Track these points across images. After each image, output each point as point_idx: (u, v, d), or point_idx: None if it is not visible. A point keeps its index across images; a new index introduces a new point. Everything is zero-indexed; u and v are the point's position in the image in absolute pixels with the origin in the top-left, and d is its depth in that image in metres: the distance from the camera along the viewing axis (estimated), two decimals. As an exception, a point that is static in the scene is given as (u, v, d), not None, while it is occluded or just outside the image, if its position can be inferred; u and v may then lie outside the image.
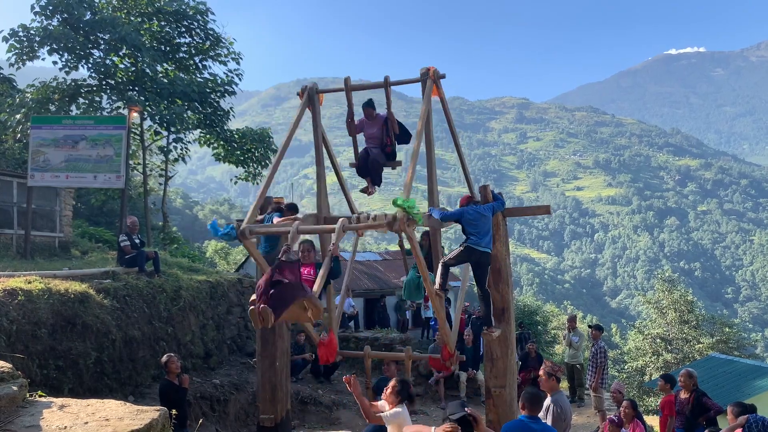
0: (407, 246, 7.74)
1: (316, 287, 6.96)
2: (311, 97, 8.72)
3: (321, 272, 7.16)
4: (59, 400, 3.03)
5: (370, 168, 8.83)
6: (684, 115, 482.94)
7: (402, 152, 9.41)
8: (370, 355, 8.88)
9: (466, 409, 4.50)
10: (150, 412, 2.77)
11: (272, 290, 6.33)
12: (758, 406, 8.64)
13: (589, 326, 13.34)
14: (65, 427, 2.58)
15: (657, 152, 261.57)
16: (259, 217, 8.46)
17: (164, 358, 8.15)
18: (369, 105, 8.75)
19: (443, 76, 8.52)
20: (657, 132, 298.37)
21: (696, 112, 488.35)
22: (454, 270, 13.33)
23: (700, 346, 28.34)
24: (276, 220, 8.32)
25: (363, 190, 9.19)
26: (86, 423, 2.60)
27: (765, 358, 56.16)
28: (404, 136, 8.97)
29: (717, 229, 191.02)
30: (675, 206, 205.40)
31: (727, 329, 30.85)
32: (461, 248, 7.89)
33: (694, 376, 8.59)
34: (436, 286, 7.86)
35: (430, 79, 8.28)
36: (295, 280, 6.48)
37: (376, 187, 9.06)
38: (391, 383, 6.04)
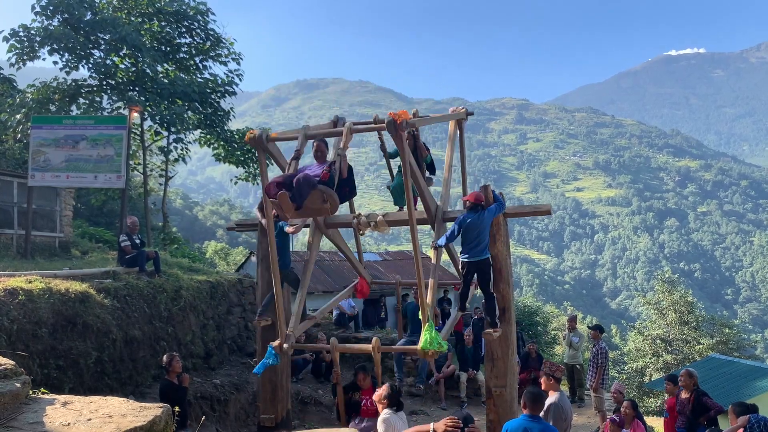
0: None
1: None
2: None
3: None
4: (62, 397, 3.04)
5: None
6: (684, 116, 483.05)
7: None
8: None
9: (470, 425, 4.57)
10: (153, 409, 2.78)
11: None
12: (759, 406, 8.65)
13: (589, 327, 13.35)
14: (68, 423, 2.59)
15: (657, 153, 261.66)
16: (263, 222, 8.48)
17: (167, 358, 8.15)
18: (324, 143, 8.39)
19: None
20: (657, 133, 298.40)
21: (696, 113, 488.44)
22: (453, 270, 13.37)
23: (700, 347, 28.32)
24: (288, 229, 8.33)
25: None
26: (89, 420, 2.61)
27: (765, 359, 56.15)
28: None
29: (717, 230, 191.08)
30: (675, 207, 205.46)
31: (727, 330, 30.85)
32: (461, 267, 8.28)
33: (695, 375, 8.60)
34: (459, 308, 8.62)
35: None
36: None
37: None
38: (381, 389, 6.05)
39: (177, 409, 4.42)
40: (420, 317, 7.56)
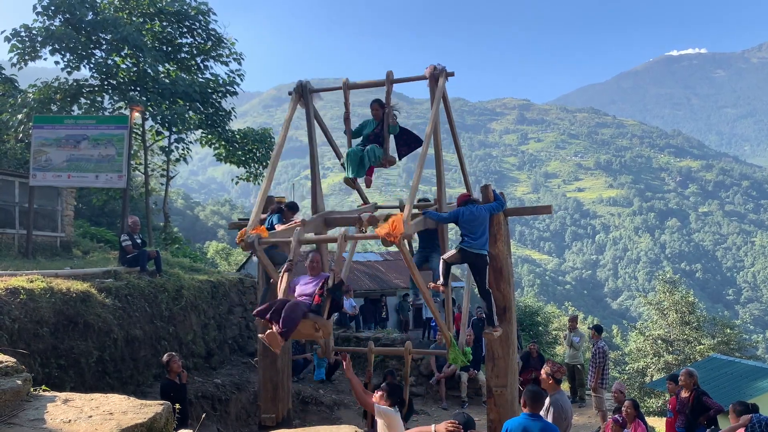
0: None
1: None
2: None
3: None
4: (63, 395, 3.04)
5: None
6: (685, 116, 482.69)
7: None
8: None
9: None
10: (154, 407, 2.78)
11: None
12: (759, 406, 8.64)
13: (589, 328, 13.38)
14: (69, 420, 2.59)
15: (658, 153, 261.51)
16: (262, 216, 8.42)
17: (165, 357, 8.18)
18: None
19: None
20: (658, 133, 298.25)
21: (697, 113, 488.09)
22: (455, 270, 13.36)
23: (702, 347, 28.31)
24: (279, 226, 8.21)
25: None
26: (90, 417, 2.61)
27: (766, 360, 56.11)
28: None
29: (718, 230, 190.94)
30: (676, 207, 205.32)
31: (729, 330, 30.83)
32: (456, 250, 7.95)
33: (695, 375, 8.60)
34: (440, 281, 7.95)
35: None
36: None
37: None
38: (381, 388, 6.06)
39: (177, 406, 4.43)
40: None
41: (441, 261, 8.10)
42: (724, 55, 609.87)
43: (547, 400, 6.01)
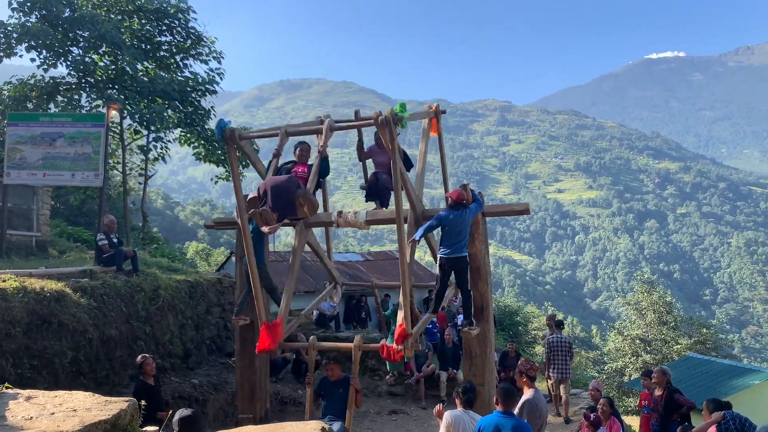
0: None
1: (309, 184, 7.62)
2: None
3: (313, 170, 7.83)
4: (26, 392, 2.99)
5: (380, 191, 9.08)
6: (664, 118, 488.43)
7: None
8: (316, 347, 8.58)
9: None
10: (118, 403, 2.74)
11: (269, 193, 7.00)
12: (734, 404, 8.76)
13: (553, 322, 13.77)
14: (30, 417, 2.55)
15: (637, 155, 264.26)
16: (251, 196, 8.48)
17: (139, 359, 8.11)
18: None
19: (444, 112, 8.69)
20: (637, 135, 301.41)
21: (675, 115, 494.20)
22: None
23: (679, 346, 28.67)
24: (264, 228, 8.22)
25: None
26: (53, 414, 2.57)
27: (742, 359, 56.97)
28: (406, 164, 9.02)
29: (696, 231, 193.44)
30: (655, 209, 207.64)
31: (705, 330, 31.27)
32: (438, 260, 8.28)
33: (668, 373, 8.70)
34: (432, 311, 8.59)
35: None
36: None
37: (384, 209, 9.10)
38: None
39: (143, 403, 4.40)
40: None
41: (435, 293, 8.56)
42: (701, 59, 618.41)
43: (523, 398, 6.05)
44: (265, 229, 7.37)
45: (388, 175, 8.75)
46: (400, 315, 7.56)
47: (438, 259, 8.16)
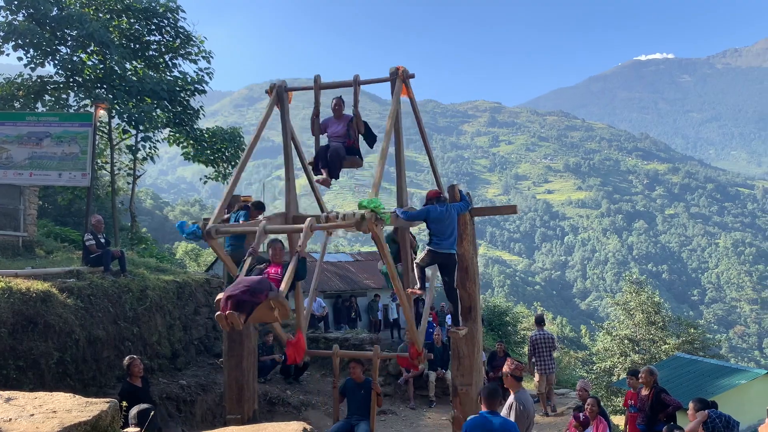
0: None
1: (283, 286, 6.71)
2: (280, 95, 8.68)
3: (288, 272, 6.88)
4: (6, 393, 2.96)
5: (329, 159, 8.53)
6: (652, 120, 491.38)
7: (373, 153, 9.35)
8: (339, 354, 8.89)
9: None
10: (99, 404, 2.72)
11: (237, 293, 6.28)
12: (721, 403, 8.83)
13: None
14: (10, 419, 2.52)
15: (626, 156, 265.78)
16: (225, 216, 8.38)
17: (126, 360, 8.03)
18: (339, 99, 8.73)
19: (412, 76, 8.53)
20: (626, 136, 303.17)
21: (664, 117, 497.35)
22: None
23: (667, 346, 28.85)
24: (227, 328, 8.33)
25: (319, 181, 8.79)
26: (32, 415, 2.54)
27: (729, 359, 57.39)
28: (370, 138, 8.91)
29: (684, 232, 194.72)
30: (643, 210, 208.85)
31: (693, 330, 31.47)
32: (425, 252, 8.05)
33: (655, 373, 8.75)
34: (417, 287, 8.04)
35: (399, 79, 8.32)
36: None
37: (333, 179, 8.74)
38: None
39: (125, 404, 4.35)
40: None
41: (415, 265, 8.24)
42: (690, 61, 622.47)
43: (510, 399, 6.06)
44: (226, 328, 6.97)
45: (341, 144, 8.63)
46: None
47: (426, 250, 8.01)
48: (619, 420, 15.40)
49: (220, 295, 6.48)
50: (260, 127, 8.40)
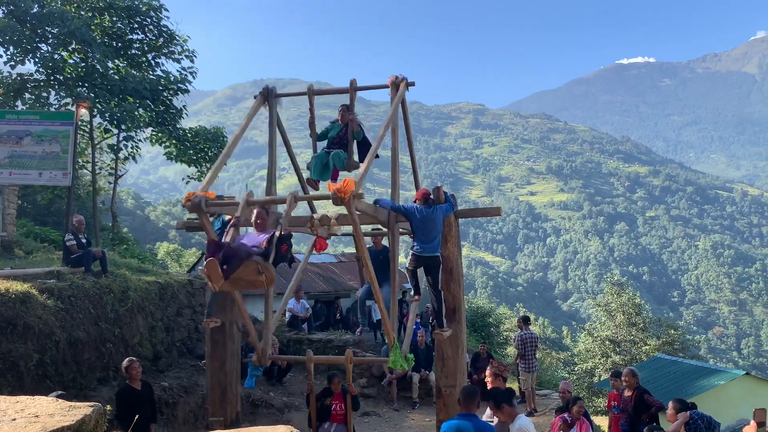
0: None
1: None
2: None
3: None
4: (-14, 397, 2.91)
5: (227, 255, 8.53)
6: (634, 123, 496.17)
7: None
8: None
9: None
10: (83, 408, 2.68)
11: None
12: (700, 404, 8.95)
13: (518, 319, 14.47)
14: (-10, 423, 2.48)
15: (608, 159, 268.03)
16: (210, 219, 8.34)
17: (125, 363, 7.96)
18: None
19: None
20: (608, 139, 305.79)
21: (645, 120, 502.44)
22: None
23: (647, 347, 29.15)
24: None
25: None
26: (13, 420, 2.50)
27: (707, 359, 58.09)
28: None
29: (664, 234, 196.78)
30: (624, 212, 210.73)
31: (673, 331, 31.85)
32: (410, 256, 8.20)
33: (637, 374, 8.84)
34: (412, 293, 8.52)
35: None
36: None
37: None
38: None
39: (109, 406, 4.30)
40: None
41: (407, 271, 8.49)
42: (670, 65, 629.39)
43: (512, 428, 5.83)
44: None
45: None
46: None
47: (409, 255, 8.18)
48: (601, 421, 15.51)
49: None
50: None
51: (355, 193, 6.25)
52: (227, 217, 7.78)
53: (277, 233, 6.59)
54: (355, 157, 8.63)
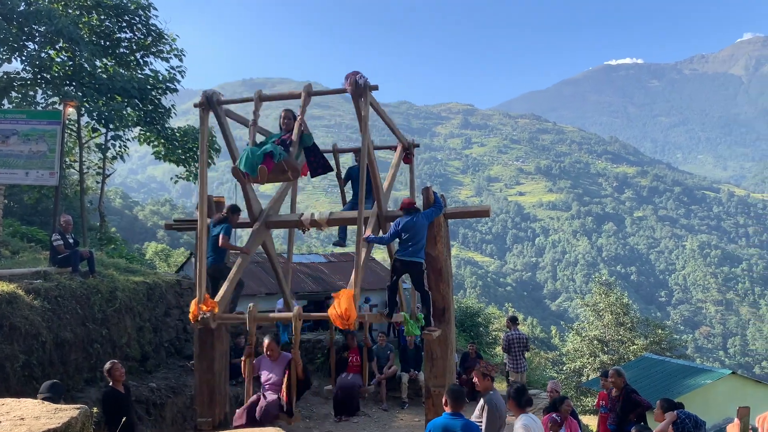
0: None
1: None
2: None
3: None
4: (-28, 400, 2.88)
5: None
6: (622, 124, 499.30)
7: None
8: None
9: None
10: (69, 411, 2.65)
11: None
12: (687, 403, 9.00)
13: (507, 318, 14.68)
14: (-24, 426, 2.46)
15: (596, 159, 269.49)
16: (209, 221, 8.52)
17: (107, 365, 7.82)
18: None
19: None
20: (596, 140, 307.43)
21: (633, 121, 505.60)
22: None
23: (635, 347, 29.27)
24: (223, 237, 8.66)
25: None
26: (-2, 422, 2.48)
27: (694, 359, 58.52)
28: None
29: (652, 234, 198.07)
30: (612, 212, 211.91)
31: (660, 331, 32.01)
32: (392, 263, 8.34)
33: (623, 374, 8.90)
34: (386, 314, 8.54)
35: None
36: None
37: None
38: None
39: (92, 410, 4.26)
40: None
41: (387, 290, 8.67)
42: (658, 66, 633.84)
43: (482, 401, 6.08)
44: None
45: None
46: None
47: (392, 259, 8.27)
48: (589, 420, 15.59)
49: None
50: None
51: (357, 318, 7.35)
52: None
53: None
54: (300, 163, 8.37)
